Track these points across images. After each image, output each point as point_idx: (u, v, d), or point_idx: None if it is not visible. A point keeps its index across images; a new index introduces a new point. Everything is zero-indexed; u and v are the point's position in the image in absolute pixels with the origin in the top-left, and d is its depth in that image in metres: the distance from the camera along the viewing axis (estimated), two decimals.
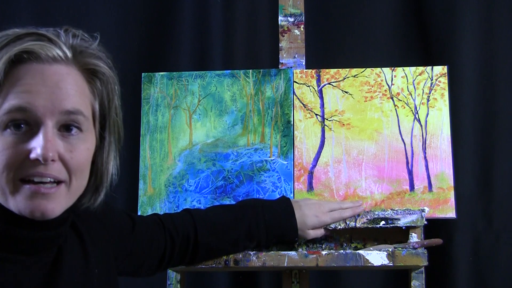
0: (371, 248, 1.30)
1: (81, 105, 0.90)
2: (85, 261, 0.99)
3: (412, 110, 1.40)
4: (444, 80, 1.40)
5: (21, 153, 0.86)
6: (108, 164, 0.97)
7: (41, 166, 0.86)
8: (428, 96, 1.40)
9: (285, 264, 1.28)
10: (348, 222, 1.32)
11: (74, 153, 0.89)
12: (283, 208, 1.29)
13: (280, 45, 1.48)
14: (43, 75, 0.87)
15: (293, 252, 1.28)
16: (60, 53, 0.89)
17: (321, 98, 1.43)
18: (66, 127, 0.89)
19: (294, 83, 1.44)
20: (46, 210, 0.87)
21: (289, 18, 1.49)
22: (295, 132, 1.41)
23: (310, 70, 1.45)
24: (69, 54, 0.90)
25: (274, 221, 1.27)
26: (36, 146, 0.85)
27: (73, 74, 0.91)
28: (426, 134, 1.38)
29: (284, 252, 1.28)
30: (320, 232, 1.32)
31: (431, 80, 1.40)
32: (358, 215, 1.32)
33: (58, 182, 0.89)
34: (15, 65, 0.87)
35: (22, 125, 0.86)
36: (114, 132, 0.97)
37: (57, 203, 0.89)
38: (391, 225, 1.30)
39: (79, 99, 0.90)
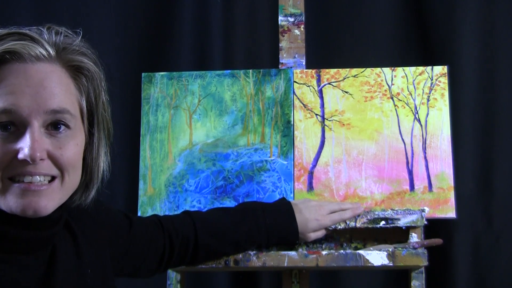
0: (371, 248, 1.30)
1: (66, 103, 0.90)
2: (78, 261, 0.99)
3: (412, 110, 1.40)
4: (444, 80, 1.40)
5: (8, 153, 0.86)
6: (98, 160, 0.96)
7: (30, 166, 0.86)
8: (428, 96, 1.40)
9: (285, 264, 1.28)
10: (348, 222, 1.32)
11: (63, 149, 0.89)
12: (284, 212, 1.29)
13: (280, 45, 1.48)
14: (26, 74, 0.87)
15: (293, 252, 1.28)
16: (43, 52, 0.89)
17: (321, 98, 1.43)
18: (53, 125, 0.89)
19: (294, 83, 1.44)
20: (38, 207, 0.87)
21: (289, 18, 1.48)
22: (295, 132, 1.41)
23: (310, 70, 1.45)
24: (52, 52, 0.90)
25: (275, 225, 1.27)
26: (23, 146, 0.85)
27: (58, 72, 0.91)
28: (426, 134, 1.38)
29: (284, 252, 1.28)
30: (321, 233, 1.32)
31: (431, 80, 1.40)
32: (358, 215, 1.32)
33: (51, 179, 0.89)
34: None
35: (9, 126, 0.86)
36: (103, 128, 0.97)
37: (49, 199, 0.89)
38: (391, 225, 1.30)
39: (65, 98, 0.90)
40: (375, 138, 1.40)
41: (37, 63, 0.88)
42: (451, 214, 1.34)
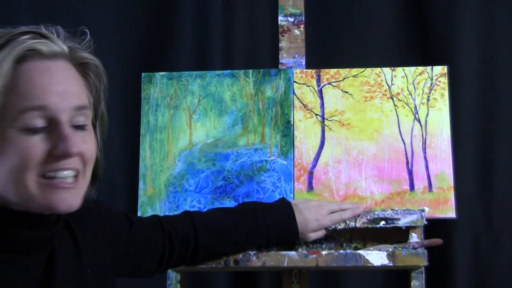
0: (371, 248, 1.30)
1: (85, 99, 0.92)
2: (77, 261, 0.99)
3: (412, 110, 1.40)
4: (444, 80, 1.40)
5: (42, 150, 0.87)
6: (100, 155, 0.98)
7: (62, 162, 0.88)
8: (428, 96, 1.40)
9: (285, 264, 1.28)
10: (348, 222, 1.32)
11: (88, 145, 0.91)
12: (284, 212, 1.29)
13: (280, 45, 1.48)
14: (50, 72, 0.88)
15: (293, 252, 1.28)
16: (59, 49, 0.90)
17: (321, 98, 1.43)
18: (77, 121, 0.90)
19: (294, 83, 1.44)
20: (69, 204, 0.89)
21: (289, 18, 1.48)
22: (295, 132, 1.41)
23: (310, 70, 1.45)
24: (66, 49, 0.91)
25: (275, 225, 1.27)
26: (59, 142, 0.87)
27: (73, 70, 0.92)
28: (426, 134, 1.38)
29: (284, 252, 1.28)
30: (321, 233, 1.32)
31: (431, 80, 1.40)
32: (358, 215, 1.32)
33: (75, 175, 0.91)
34: (20, 63, 0.87)
35: (40, 124, 0.87)
36: (102, 124, 0.99)
37: (78, 195, 0.91)
38: (391, 225, 1.30)
39: (83, 94, 0.92)
40: (375, 138, 1.40)
41: (57, 61, 0.90)
42: (451, 214, 1.34)
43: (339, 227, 1.32)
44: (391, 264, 1.25)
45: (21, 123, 0.86)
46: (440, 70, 1.41)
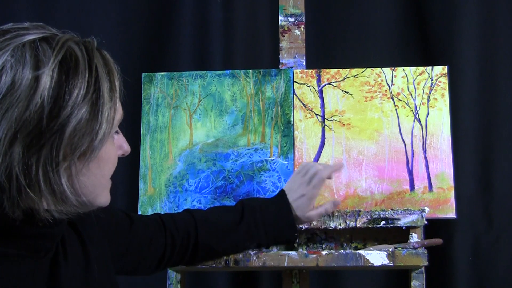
0: (371, 248, 1.30)
1: None
2: (85, 257, 0.99)
3: (412, 110, 1.40)
4: (444, 80, 1.40)
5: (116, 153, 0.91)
6: None
7: None
8: (429, 96, 1.40)
9: (285, 264, 1.28)
10: (348, 222, 1.32)
11: None
12: (280, 206, 1.24)
13: (280, 45, 1.48)
14: None
15: (293, 252, 1.28)
16: None
17: (322, 98, 1.43)
18: None
19: (295, 83, 1.44)
20: (109, 199, 0.94)
21: (289, 18, 1.49)
22: (296, 132, 1.41)
23: (310, 70, 1.45)
24: None
25: (271, 222, 1.24)
26: (122, 143, 0.92)
27: None
28: (426, 134, 1.38)
29: (284, 252, 1.28)
30: (317, 212, 1.22)
31: (431, 80, 1.40)
32: (359, 215, 1.31)
33: None
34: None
35: None
36: None
37: None
38: (391, 225, 1.31)
39: None
40: (375, 138, 1.40)
41: None
42: (451, 214, 1.34)
43: (339, 227, 1.32)
44: (391, 264, 1.26)
45: (115, 126, 0.89)
46: (440, 70, 1.41)
